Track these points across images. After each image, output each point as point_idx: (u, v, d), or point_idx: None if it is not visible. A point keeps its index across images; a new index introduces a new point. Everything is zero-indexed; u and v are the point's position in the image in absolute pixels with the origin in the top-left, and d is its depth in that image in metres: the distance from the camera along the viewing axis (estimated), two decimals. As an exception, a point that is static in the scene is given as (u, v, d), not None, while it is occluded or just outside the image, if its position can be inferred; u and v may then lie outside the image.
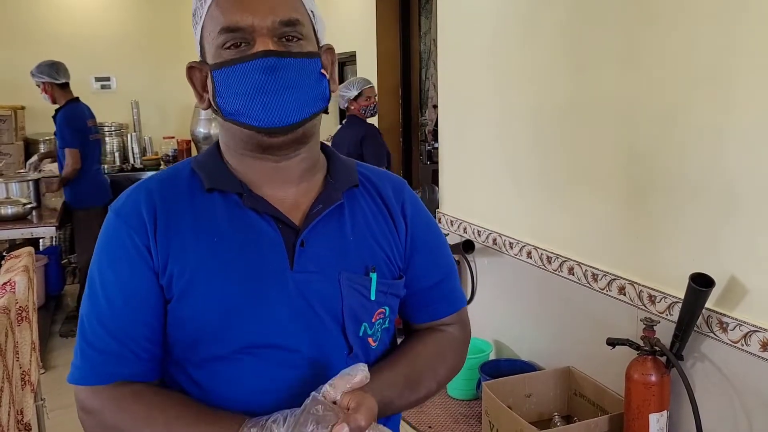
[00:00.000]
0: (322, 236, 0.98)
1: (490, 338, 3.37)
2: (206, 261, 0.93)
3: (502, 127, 3.17)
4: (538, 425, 2.44)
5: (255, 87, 0.90)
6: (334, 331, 0.97)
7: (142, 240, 0.94)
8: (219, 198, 0.97)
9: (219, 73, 0.93)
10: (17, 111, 5.88)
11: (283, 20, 0.92)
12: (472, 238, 3.45)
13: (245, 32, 0.91)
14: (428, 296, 1.11)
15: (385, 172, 1.14)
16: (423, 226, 1.10)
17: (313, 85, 0.95)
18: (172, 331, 0.95)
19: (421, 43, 4.83)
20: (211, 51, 0.95)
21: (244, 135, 0.95)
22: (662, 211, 2.27)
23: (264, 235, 0.96)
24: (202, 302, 0.93)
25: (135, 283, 0.94)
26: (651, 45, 2.26)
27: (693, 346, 2.16)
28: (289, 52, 0.92)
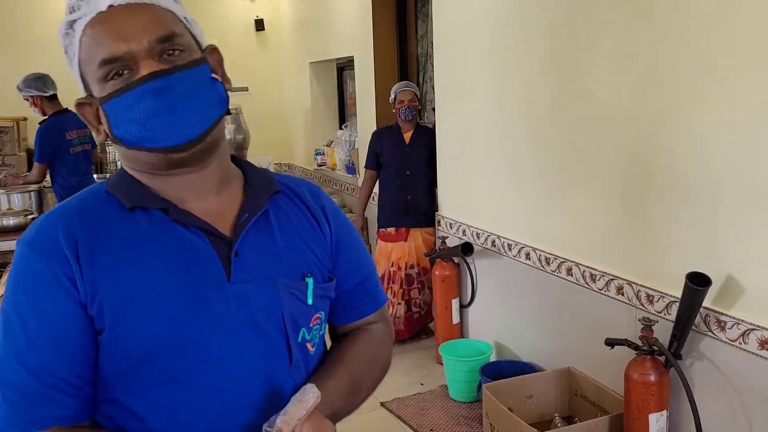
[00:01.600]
0: (254, 244, 0.95)
1: (491, 340, 3.37)
2: (138, 284, 0.89)
3: (500, 130, 3.17)
4: (539, 426, 2.44)
5: (150, 111, 0.87)
6: (278, 340, 0.95)
7: (65, 271, 0.87)
8: (142, 216, 0.93)
9: (109, 105, 0.89)
10: (19, 122, 5.91)
11: (159, 38, 0.89)
12: (471, 240, 3.45)
13: (125, 60, 0.88)
14: (354, 295, 1.10)
15: (300, 179, 1.12)
16: (343, 228, 1.09)
17: (208, 93, 0.93)
18: (106, 361, 0.89)
19: (419, 47, 4.84)
20: (95, 85, 0.91)
21: (151, 158, 0.91)
22: (659, 211, 2.27)
23: (196, 250, 0.92)
24: (138, 328, 0.88)
25: (58, 318, 0.87)
26: (646, 47, 2.26)
27: (691, 346, 2.16)
28: (174, 67, 0.89)
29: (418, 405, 3.27)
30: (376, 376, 1.11)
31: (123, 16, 0.89)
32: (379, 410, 3.20)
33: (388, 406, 3.23)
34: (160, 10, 0.92)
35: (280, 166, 6.60)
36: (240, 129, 5.92)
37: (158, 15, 0.91)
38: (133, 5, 0.89)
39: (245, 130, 5.96)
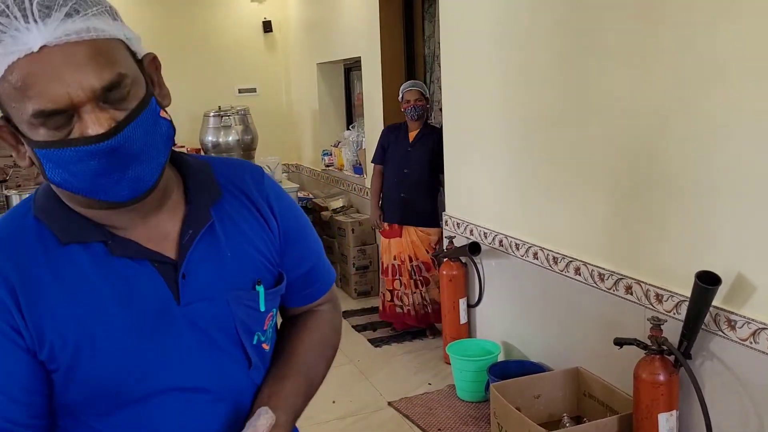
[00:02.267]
0: (201, 262, 0.92)
1: (498, 340, 3.37)
2: (87, 323, 0.85)
3: (507, 129, 3.17)
4: (547, 426, 2.43)
5: (95, 171, 0.78)
6: (233, 350, 0.95)
7: (6, 320, 0.83)
8: (80, 251, 0.86)
9: (44, 153, 0.78)
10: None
11: (105, 85, 0.77)
12: (479, 240, 3.45)
13: (62, 110, 0.75)
14: (304, 281, 1.09)
15: (240, 163, 1.05)
16: (290, 216, 1.05)
17: (156, 139, 0.83)
18: (66, 394, 0.88)
19: (425, 47, 4.84)
20: (22, 123, 0.78)
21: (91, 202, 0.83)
22: (668, 210, 2.26)
23: (141, 279, 0.88)
24: (94, 364, 0.86)
25: (3, 367, 0.83)
26: (651, 46, 2.25)
27: (701, 345, 2.15)
28: (124, 120, 0.78)
29: (425, 404, 3.27)
30: (329, 358, 1.13)
31: (59, 57, 0.74)
32: (387, 410, 3.20)
33: (396, 405, 3.23)
34: (103, 43, 0.77)
35: (288, 166, 6.62)
36: (248, 130, 5.94)
37: (102, 51, 0.77)
38: (71, 43, 0.75)
39: (253, 131, 5.98)
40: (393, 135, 4.17)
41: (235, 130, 5.87)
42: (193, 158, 0.99)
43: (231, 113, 5.87)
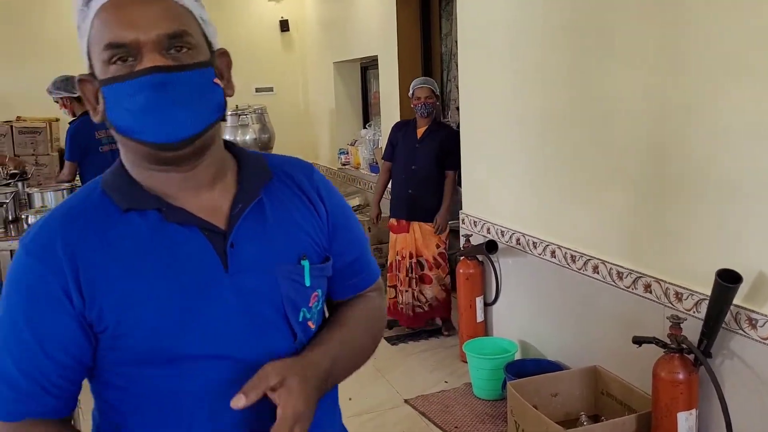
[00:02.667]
0: (248, 234, 0.97)
1: (516, 338, 3.36)
2: (138, 285, 0.91)
3: (524, 127, 3.16)
4: (564, 425, 2.42)
5: (145, 104, 0.87)
6: (278, 321, 0.98)
7: (60, 282, 0.89)
8: (138, 218, 0.94)
9: (108, 89, 0.90)
10: (51, 123, 6.03)
11: (169, 33, 0.88)
12: (496, 238, 3.44)
13: (130, 47, 0.88)
14: (350, 271, 1.12)
15: (294, 159, 1.13)
16: (339, 208, 1.10)
17: (206, 97, 0.92)
18: (111, 354, 0.93)
19: (443, 45, 4.84)
20: (98, 65, 0.91)
21: (141, 150, 0.91)
22: (688, 207, 2.24)
23: (192, 246, 0.94)
24: (141, 326, 0.91)
25: (49, 326, 0.90)
26: (670, 44, 2.24)
27: (721, 344, 2.13)
28: (178, 65, 0.89)
29: (442, 402, 3.27)
30: (374, 333, 1.14)
31: (139, 4, 0.88)
32: (404, 407, 3.21)
33: (413, 403, 3.24)
34: (176, 5, 0.91)
35: (305, 165, 6.64)
36: (265, 129, 5.97)
37: (173, 10, 0.90)
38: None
39: (270, 130, 6.01)
40: (401, 132, 4.17)
41: (252, 129, 5.91)
42: (248, 150, 1.07)
43: (248, 112, 5.91)
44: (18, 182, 4.45)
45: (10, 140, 5.62)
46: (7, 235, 3.63)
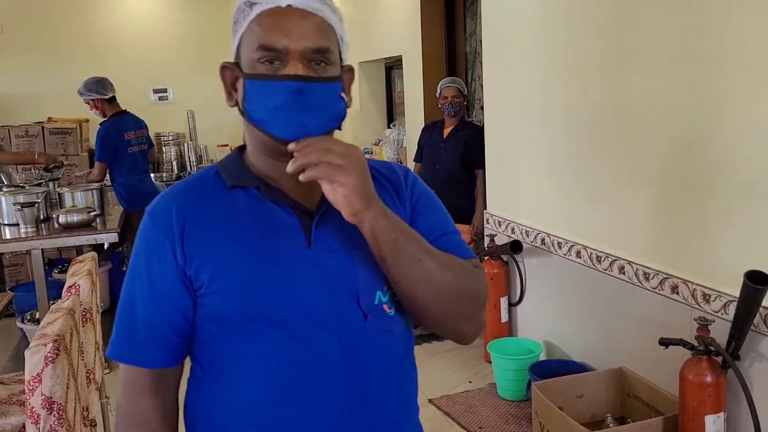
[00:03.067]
0: (334, 218, 1.04)
1: (540, 339, 3.35)
2: (231, 249, 1.03)
3: (549, 126, 3.15)
4: (590, 426, 2.41)
5: (281, 104, 0.99)
6: (351, 301, 1.05)
7: (170, 241, 1.04)
8: (240, 193, 1.07)
9: (251, 83, 1.02)
10: (81, 123, 6.15)
11: (315, 48, 1.01)
12: (520, 238, 3.43)
13: (279, 53, 1.00)
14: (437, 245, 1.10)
15: (394, 164, 1.22)
16: (425, 198, 1.18)
17: (332, 107, 1.04)
18: (207, 314, 1.05)
19: (467, 45, 4.83)
20: (246, 60, 1.04)
21: (265, 139, 1.03)
22: (715, 207, 2.22)
23: (282, 222, 1.05)
24: (231, 287, 1.02)
25: (161, 280, 1.04)
26: (697, 41, 2.22)
27: (750, 346, 2.10)
28: (315, 77, 1.01)
29: (466, 403, 3.27)
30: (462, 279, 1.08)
31: (295, 17, 1.01)
32: (428, 407, 3.21)
33: (437, 403, 3.24)
34: (326, 23, 1.03)
35: (330, 165, 6.68)
36: (290, 128, 6.02)
37: (322, 27, 1.03)
38: (307, 11, 1.01)
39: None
40: (428, 132, 4.20)
41: (279, 129, 5.95)
42: None
43: (273, 112, 5.94)
44: (49, 182, 4.54)
45: (41, 140, 5.74)
46: (39, 233, 3.71)
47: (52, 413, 1.59)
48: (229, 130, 7.08)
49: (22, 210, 3.70)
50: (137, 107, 5.02)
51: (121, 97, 4.63)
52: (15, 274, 5.25)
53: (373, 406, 1.07)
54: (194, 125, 7.05)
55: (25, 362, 1.58)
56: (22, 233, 3.69)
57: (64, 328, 1.71)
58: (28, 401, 1.58)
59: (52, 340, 1.60)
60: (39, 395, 1.58)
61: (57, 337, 1.62)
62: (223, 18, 6.66)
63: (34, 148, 5.47)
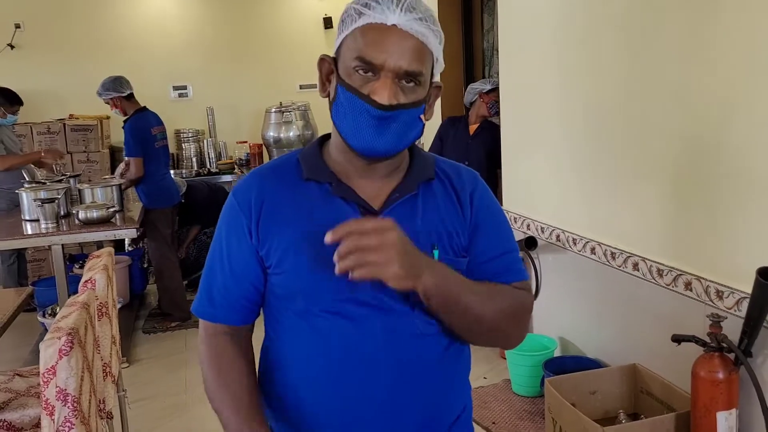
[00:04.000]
0: (396, 218, 1.09)
1: (555, 335, 3.34)
2: (298, 237, 1.13)
3: (565, 123, 3.13)
4: (603, 423, 2.40)
5: (362, 121, 1.07)
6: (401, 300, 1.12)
7: (247, 220, 1.16)
8: (314, 186, 1.16)
9: (343, 91, 1.09)
10: (102, 120, 6.23)
11: (408, 71, 1.06)
12: (536, 234, 3.42)
13: (375, 66, 1.06)
14: (489, 268, 1.20)
15: (463, 167, 1.27)
16: (486, 211, 1.22)
17: (409, 130, 1.11)
18: (273, 290, 1.17)
19: (484, 41, 4.82)
20: (344, 63, 1.11)
21: (342, 141, 1.13)
22: (729, 204, 2.19)
23: (348, 216, 1.12)
24: (292, 270, 1.13)
25: (237, 254, 1.17)
26: (713, 36, 2.19)
27: (763, 343, 2.08)
28: (398, 105, 1.06)
29: (480, 398, 3.27)
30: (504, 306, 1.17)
31: (397, 37, 1.06)
32: (442, 402, 3.22)
33: (451, 398, 3.25)
34: (425, 47, 1.08)
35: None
36: (308, 125, 6.04)
37: (420, 50, 1.07)
38: (409, 33, 1.06)
39: (314, 126, 6.08)
40: (453, 127, 4.17)
41: (296, 126, 5.98)
42: (425, 151, 1.27)
43: (292, 109, 5.98)
44: (70, 178, 4.62)
45: (62, 137, 5.82)
46: (59, 229, 3.78)
47: (67, 405, 1.63)
48: (248, 127, 7.12)
49: (42, 206, 3.77)
50: (157, 104, 5.07)
51: (141, 94, 4.67)
52: (37, 270, 5.36)
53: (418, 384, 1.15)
54: (213, 122, 7.11)
55: (40, 355, 1.62)
56: (43, 229, 3.76)
57: (78, 321, 1.74)
58: (43, 393, 1.62)
59: (66, 333, 1.63)
60: (53, 387, 1.62)
61: (71, 331, 1.65)
62: (243, 16, 6.71)
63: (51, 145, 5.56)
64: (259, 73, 6.72)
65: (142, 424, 3.18)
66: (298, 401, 1.18)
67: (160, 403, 3.45)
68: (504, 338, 1.23)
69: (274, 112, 5.99)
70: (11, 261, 4.82)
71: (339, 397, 1.14)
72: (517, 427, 3.00)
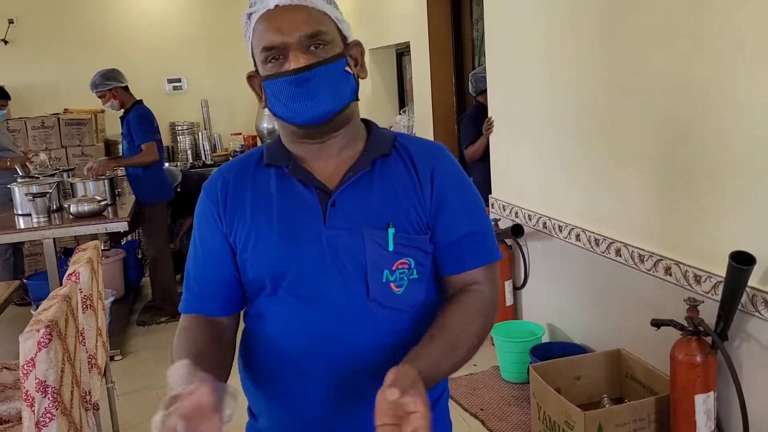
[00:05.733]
0: (350, 198, 1.14)
1: (544, 322, 3.36)
2: (259, 220, 1.16)
3: (551, 112, 3.14)
4: (588, 407, 2.43)
5: (290, 95, 1.10)
6: (357, 277, 1.13)
7: (215, 207, 1.20)
8: (273, 171, 1.19)
9: (266, 84, 1.13)
10: (97, 114, 6.25)
11: (307, 34, 1.09)
12: (523, 222, 3.43)
13: (279, 49, 1.09)
14: (457, 249, 1.19)
15: (426, 142, 1.27)
16: (451, 188, 1.20)
17: (339, 83, 1.12)
18: (244, 274, 1.20)
19: (474, 30, 4.81)
20: (259, 64, 1.15)
21: (291, 128, 1.15)
22: (708, 190, 2.21)
23: (304, 199, 1.16)
24: (254, 256, 1.16)
25: (210, 241, 1.20)
26: (692, 26, 2.20)
27: (738, 326, 2.10)
28: (313, 63, 1.09)
29: (469, 385, 3.30)
30: (473, 339, 1.17)
31: (283, 14, 1.10)
32: (431, 390, 3.25)
33: (440, 385, 3.27)
34: (314, 11, 1.11)
35: (342, 151, 6.70)
36: (301, 116, 6.06)
37: (311, 15, 1.11)
38: (293, 6, 1.10)
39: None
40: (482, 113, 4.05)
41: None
42: (384, 129, 1.28)
43: (285, 100, 5.98)
44: (63, 172, 4.63)
45: (57, 131, 5.84)
46: (51, 223, 3.80)
47: (47, 396, 1.65)
48: (242, 119, 7.14)
49: (34, 200, 3.79)
50: (152, 97, 5.07)
51: (135, 87, 4.64)
52: (34, 264, 5.40)
53: (374, 383, 1.05)
54: (208, 114, 7.13)
55: (20, 347, 1.64)
56: (35, 223, 3.78)
57: (57, 314, 1.76)
58: (23, 385, 1.65)
59: (45, 325, 1.65)
60: (33, 379, 1.64)
61: (50, 323, 1.67)
62: (236, 9, 6.70)
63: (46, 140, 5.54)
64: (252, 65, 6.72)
65: (133, 415, 3.21)
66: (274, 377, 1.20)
67: (152, 395, 3.48)
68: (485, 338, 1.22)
69: (267, 103, 5.99)
70: (7, 256, 4.85)
71: (313, 381, 1.15)
72: (505, 413, 3.02)
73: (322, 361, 1.15)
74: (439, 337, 1.12)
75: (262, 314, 1.20)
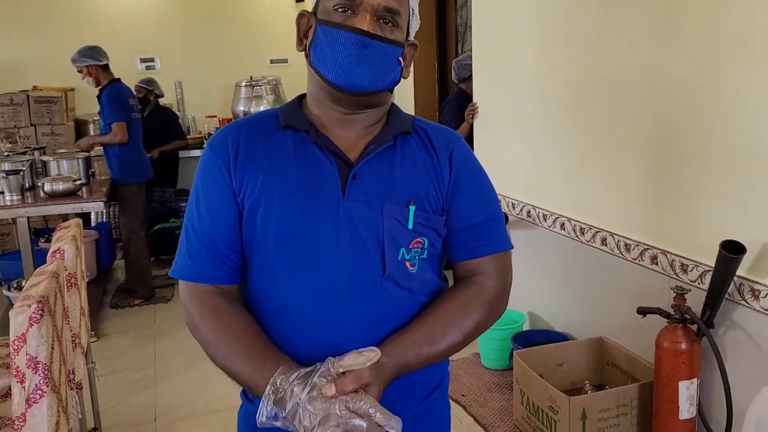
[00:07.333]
0: (372, 171, 1.11)
1: (525, 310, 3.40)
2: (272, 182, 1.10)
3: (536, 101, 3.16)
4: (570, 393, 2.46)
5: (342, 52, 1.06)
6: (374, 253, 1.10)
7: (225, 165, 1.13)
8: (291, 134, 1.14)
9: (322, 29, 1.09)
10: (67, 92, 6.07)
11: (387, 6, 1.07)
12: (507, 210, 3.46)
13: (354, 4, 1.06)
14: (469, 235, 1.18)
15: (445, 128, 1.25)
16: (468, 173, 1.19)
17: (388, 68, 1.09)
18: (246, 236, 1.13)
19: (458, 17, 4.81)
20: (322, 8, 1.10)
21: (322, 84, 1.10)
22: (695, 179, 2.25)
23: (323, 167, 1.11)
24: (266, 216, 1.10)
25: (218, 202, 1.13)
26: (681, 18, 2.23)
27: (724, 314, 2.15)
28: (379, 36, 1.07)
29: (450, 372, 3.28)
30: (467, 328, 1.16)
31: None
32: (412, 375, 3.26)
33: (421, 371, 3.29)
34: None
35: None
36: (279, 100, 5.99)
37: None
38: None
39: (284, 102, 6.03)
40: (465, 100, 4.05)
41: (266, 100, 5.93)
42: (405, 112, 1.24)
43: (262, 83, 5.92)
44: (34, 151, 4.51)
45: (26, 109, 5.67)
46: (24, 202, 3.70)
47: (38, 372, 1.61)
48: (217, 102, 7.02)
49: (6, 178, 3.68)
50: (124, 77, 4.95)
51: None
52: (2, 244, 5.26)
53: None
54: (182, 96, 6.99)
55: (10, 323, 1.60)
56: (8, 201, 3.67)
57: (48, 290, 1.72)
58: (13, 361, 1.60)
59: (36, 301, 1.61)
60: (24, 355, 1.60)
61: (41, 299, 1.63)
62: (211, -13, 6.57)
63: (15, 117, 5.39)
64: (229, 47, 6.62)
65: (110, 397, 3.16)
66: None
67: (129, 376, 3.42)
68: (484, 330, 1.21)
69: (245, 86, 5.92)
70: (-26, 235, 4.71)
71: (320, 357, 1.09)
72: (486, 399, 3.05)
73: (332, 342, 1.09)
74: (428, 330, 1.12)
75: (266, 286, 1.14)
